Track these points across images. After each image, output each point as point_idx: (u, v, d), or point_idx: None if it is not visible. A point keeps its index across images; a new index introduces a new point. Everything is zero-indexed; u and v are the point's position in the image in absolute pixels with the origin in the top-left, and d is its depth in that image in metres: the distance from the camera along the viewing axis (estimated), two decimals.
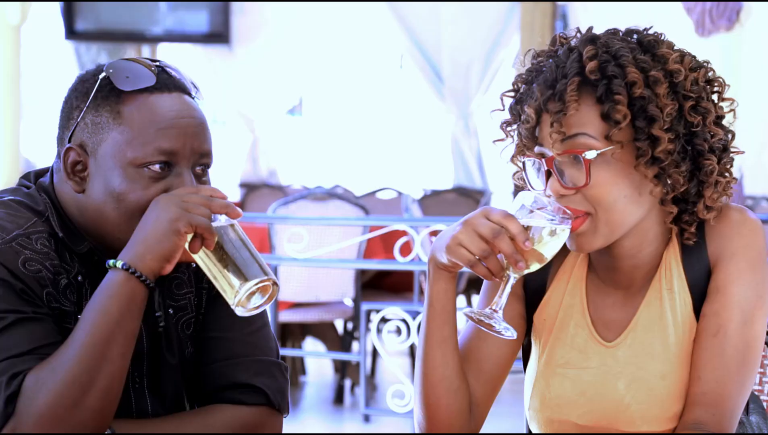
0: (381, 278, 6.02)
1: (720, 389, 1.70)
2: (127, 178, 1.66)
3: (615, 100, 1.68)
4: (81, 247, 1.71)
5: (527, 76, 1.76)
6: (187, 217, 1.59)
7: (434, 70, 9.10)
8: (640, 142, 1.69)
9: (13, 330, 1.60)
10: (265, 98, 9.51)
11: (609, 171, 1.69)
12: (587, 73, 1.69)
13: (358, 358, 4.70)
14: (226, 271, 1.61)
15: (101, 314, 1.58)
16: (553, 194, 1.70)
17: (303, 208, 5.41)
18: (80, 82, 1.73)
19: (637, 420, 1.76)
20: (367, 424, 5.32)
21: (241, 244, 1.63)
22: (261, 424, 1.75)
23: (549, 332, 1.83)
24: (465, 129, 9.07)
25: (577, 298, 1.83)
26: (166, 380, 1.78)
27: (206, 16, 9.40)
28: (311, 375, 6.51)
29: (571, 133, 1.69)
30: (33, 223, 1.69)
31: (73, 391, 1.56)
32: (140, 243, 1.60)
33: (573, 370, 1.78)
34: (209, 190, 1.65)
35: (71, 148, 1.69)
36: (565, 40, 1.77)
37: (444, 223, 4.45)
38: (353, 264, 5.24)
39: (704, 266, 1.76)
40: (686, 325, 1.76)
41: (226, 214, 1.63)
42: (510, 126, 1.79)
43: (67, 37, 9.36)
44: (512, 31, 8.85)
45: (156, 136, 1.66)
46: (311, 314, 5.44)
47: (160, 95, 1.69)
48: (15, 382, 1.56)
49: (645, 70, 1.70)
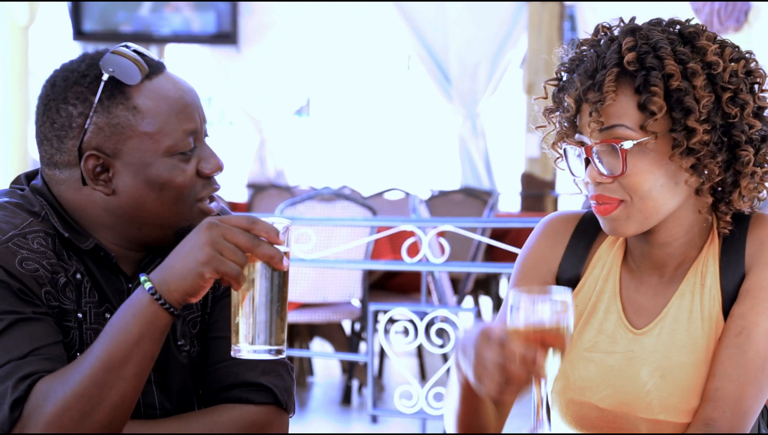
0: (388, 279, 6.01)
1: (734, 388, 1.71)
2: (166, 167, 1.67)
3: (651, 92, 1.69)
4: (86, 243, 1.70)
5: (570, 65, 1.79)
6: (216, 263, 1.53)
7: (442, 71, 9.12)
8: (675, 133, 1.71)
9: (13, 331, 1.59)
10: (272, 99, 9.53)
11: (645, 160, 1.72)
12: (625, 64, 1.71)
13: (366, 358, 4.66)
14: (240, 319, 1.56)
15: (121, 332, 1.56)
16: (591, 181, 1.74)
17: (310, 208, 5.42)
18: (70, 87, 1.68)
19: (655, 407, 1.77)
20: (374, 425, 5.32)
21: (265, 302, 1.55)
22: (268, 424, 1.75)
23: (579, 317, 1.84)
24: (472, 130, 9.08)
25: (610, 283, 1.85)
26: (173, 375, 1.77)
27: (214, 17, 9.41)
28: (319, 376, 6.51)
29: (609, 123, 1.71)
30: (29, 222, 1.68)
31: (82, 403, 1.55)
32: (168, 270, 1.56)
33: (599, 354, 1.79)
34: (264, 230, 1.56)
35: (91, 155, 1.67)
36: (607, 29, 1.79)
37: (451, 223, 4.45)
38: (361, 265, 5.23)
39: (740, 269, 1.78)
40: (713, 322, 1.77)
41: (268, 263, 1.55)
42: (552, 113, 1.81)
43: (74, 38, 9.38)
44: (520, 32, 8.86)
45: (179, 120, 1.68)
46: (319, 315, 5.44)
47: (158, 78, 1.69)
48: (23, 386, 1.55)
49: (683, 61, 1.71)
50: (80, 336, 1.69)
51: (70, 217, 1.71)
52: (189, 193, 1.70)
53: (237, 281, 1.53)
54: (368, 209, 5.45)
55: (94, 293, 1.71)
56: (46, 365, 1.58)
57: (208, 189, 1.72)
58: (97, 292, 1.71)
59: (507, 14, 8.88)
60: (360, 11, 9.37)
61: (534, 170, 8.70)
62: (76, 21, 9.31)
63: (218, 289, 1.71)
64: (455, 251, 5.17)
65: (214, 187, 1.73)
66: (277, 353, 1.56)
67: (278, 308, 1.55)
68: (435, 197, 7.54)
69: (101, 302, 1.71)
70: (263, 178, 9.46)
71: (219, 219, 1.56)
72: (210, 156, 1.71)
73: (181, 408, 1.78)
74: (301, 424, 5.30)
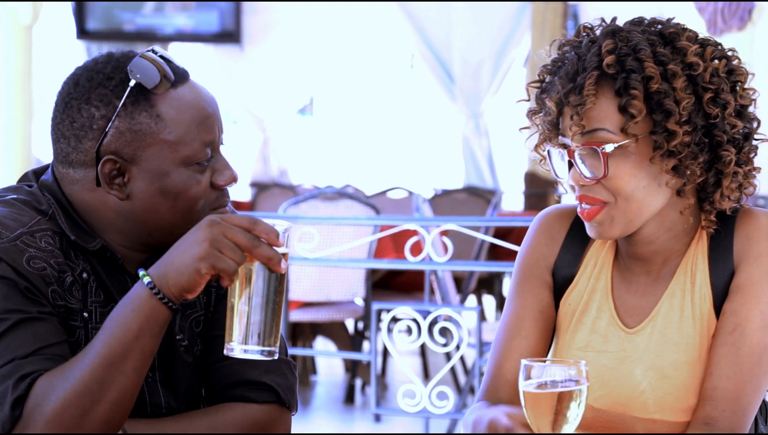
0: (392, 278, 6.03)
1: (732, 386, 1.71)
2: (182, 177, 1.68)
3: (631, 95, 1.69)
4: (93, 244, 1.70)
5: (552, 66, 1.78)
6: (213, 259, 1.54)
7: (445, 70, 9.12)
8: (656, 136, 1.71)
9: (18, 330, 1.59)
10: (275, 98, 9.54)
11: (627, 163, 1.72)
12: (605, 67, 1.70)
13: (369, 357, 4.65)
14: (235, 318, 1.57)
15: (121, 327, 1.57)
16: (574, 183, 1.74)
17: (314, 207, 5.42)
18: (95, 88, 1.68)
19: (650, 407, 1.77)
20: (377, 424, 5.34)
21: (261, 303, 1.56)
22: (271, 422, 1.75)
23: (572, 316, 1.85)
24: (476, 129, 9.08)
25: (602, 283, 1.85)
26: (178, 374, 1.77)
27: (217, 16, 9.43)
28: (322, 374, 6.52)
29: (591, 126, 1.71)
30: (37, 221, 1.68)
31: (83, 400, 1.55)
32: (167, 265, 1.58)
33: (592, 353, 1.80)
34: (264, 232, 1.57)
35: (109, 159, 1.67)
36: (589, 30, 1.78)
37: (454, 222, 4.43)
38: (364, 263, 5.25)
39: (729, 266, 1.78)
40: (705, 320, 1.77)
41: (266, 265, 1.56)
42: (536, 115, 1.81)
43: (78, 37, 9.41)
44: (523, 31, 8.86)
45: (199, 132, 1.68)
46: (322, 314, 5.45)
47: (182, 87, 1.69)
48: (23, 385, 1.55)
49: (663, 63, 1.71)
50: (86, 335, 1.69)
51: (79, 216, 1.71)
52: (202, 204, 1.70)
53: (231, 278, 1.54)
54: (371, 208, 5.47)
55: (100, 293, 1.71)
56: (49, 365, 1.58)
57: (220, 200, 1.72)
58: (103, 292, 1.71)
59: (510, 13, 8.88)
60: (363, 10, 9.38)
61: (537, 169, 8.69)
62: (80, 20, 9.34)
63: (221, 287, 1.71)
64: (458, 250, 5.11)
65: (226, 199, 1.74)
66: (269, 354, 1.56)
67: (273, 310, 1.56)
68: (438, 196, 7.54)
69: (107, 301, 1.71)
70: (266, 176, 9.47)
71: (220, 217, 1.57)
72: (224, 167, 1.71)
73: (189, 407, 1.79)
74: (304, 423, 5.31)
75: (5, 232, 1.64)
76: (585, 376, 1.51)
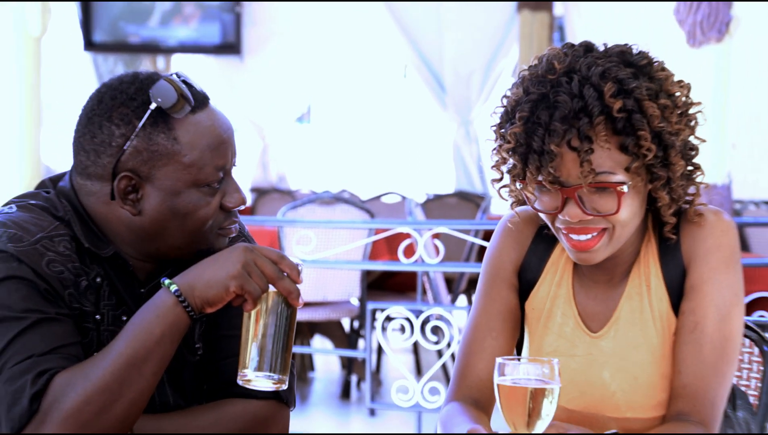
0: (386, 279, 6.03)
1: (699, 382, 1.73)
2: (193, 198, 1.69)
3: (639, 136, 1.68)
4: (106, 251, 1.72)
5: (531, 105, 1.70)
6: (242, 280, 1.59)
7: (437, 80, 9.08)
8: (656, 169, 1.71)
9: (37, 329, 1.60)
10: (274, 106, 9.49)
11: (631, 196, 1.72)
12: (614, 112, 1.67)
13: (364, 354, 4.70)
14: (248, 344, 1.60)
15: (144, 331, 1.59)
16: (572, 219, 1.71)
17: (311, 211, 5.44)
18: (117, 107, 1.68)
19: (622, 407, 1.79)
20: (372, 418, 5.36)
21: (275, 333, 1.60)
22: (271, 417, 1.77)
23: (538, 321, 1.86)
24: (466, 136, 9.06)
25: (563, 289, 1.85)
26: (185, 374, 1.81)
27: (219, 29, 9.36)
28: (319, 371, 6.53)
29: (600, 169, 1.68)
30: (55, 226, 1.70)
31: (103, 397, 1.56)
32: (196, 276, 1.61)
33: (561, 358, 1.74)
34: (288, 267, 1.62)
35: (125, 175, 1.69)
36: (560, 65, 1.71)
37: (446, 225, 4.46)
38: (359, 265, 5.21)
39: (679, 265, 1.79)
40: (664, 320, 1.79)
41: (286, 298, 1.61)
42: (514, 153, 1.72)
43: (85, 49, 9.36)
44: (511, 42, 8.82)
45: (212, 156, 1.70)
46: (319, 313, 5.43)
47: (201, 113, 1.70)
48: (41, 380, 1.55)
49: (656, 98, 1.70)
50: (98, 337, 1.71)
51: (93, 224, 1.73)
52: (210, 224, 1.72)
53: (253, 302, 1.60)
54: (366, 212, 5.48)
55: (112, 297, 1.73)
56: (65, 363, 1.60)
57: (228, 220, 1.74)
58: (115, 296, 1.74)
59: (499, 25, 8.83)
60: (358, 23, 9.30)
61: None
62: (87, 32, 9.28)
63: None
64: (449, 252, 5.16)
65: (234, 220, 1.76)
66: (279, 382, 1.61)
67: (285, 341, 1.60)
68: (430, 201, 7.45)
69: (118, 305, 1.74)
70: (266, 182, 9.40)
71: (253, 247, 1.63)
72: (234, 190, 1.73)
73: (194, 403, 1.82)
74: (302, 418, 5.34)
75: (26, 236, 1.66)
76: (558, 373, 1.53)
